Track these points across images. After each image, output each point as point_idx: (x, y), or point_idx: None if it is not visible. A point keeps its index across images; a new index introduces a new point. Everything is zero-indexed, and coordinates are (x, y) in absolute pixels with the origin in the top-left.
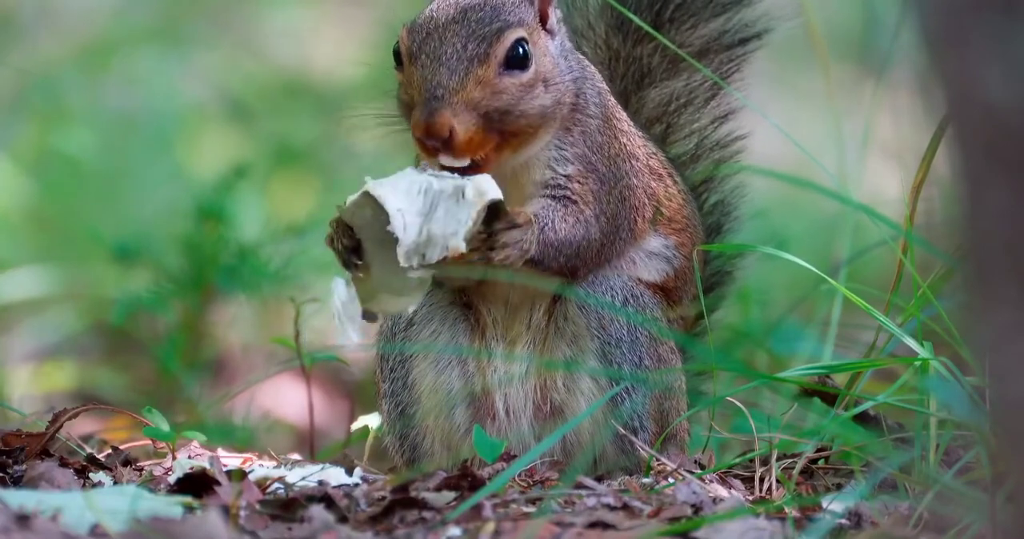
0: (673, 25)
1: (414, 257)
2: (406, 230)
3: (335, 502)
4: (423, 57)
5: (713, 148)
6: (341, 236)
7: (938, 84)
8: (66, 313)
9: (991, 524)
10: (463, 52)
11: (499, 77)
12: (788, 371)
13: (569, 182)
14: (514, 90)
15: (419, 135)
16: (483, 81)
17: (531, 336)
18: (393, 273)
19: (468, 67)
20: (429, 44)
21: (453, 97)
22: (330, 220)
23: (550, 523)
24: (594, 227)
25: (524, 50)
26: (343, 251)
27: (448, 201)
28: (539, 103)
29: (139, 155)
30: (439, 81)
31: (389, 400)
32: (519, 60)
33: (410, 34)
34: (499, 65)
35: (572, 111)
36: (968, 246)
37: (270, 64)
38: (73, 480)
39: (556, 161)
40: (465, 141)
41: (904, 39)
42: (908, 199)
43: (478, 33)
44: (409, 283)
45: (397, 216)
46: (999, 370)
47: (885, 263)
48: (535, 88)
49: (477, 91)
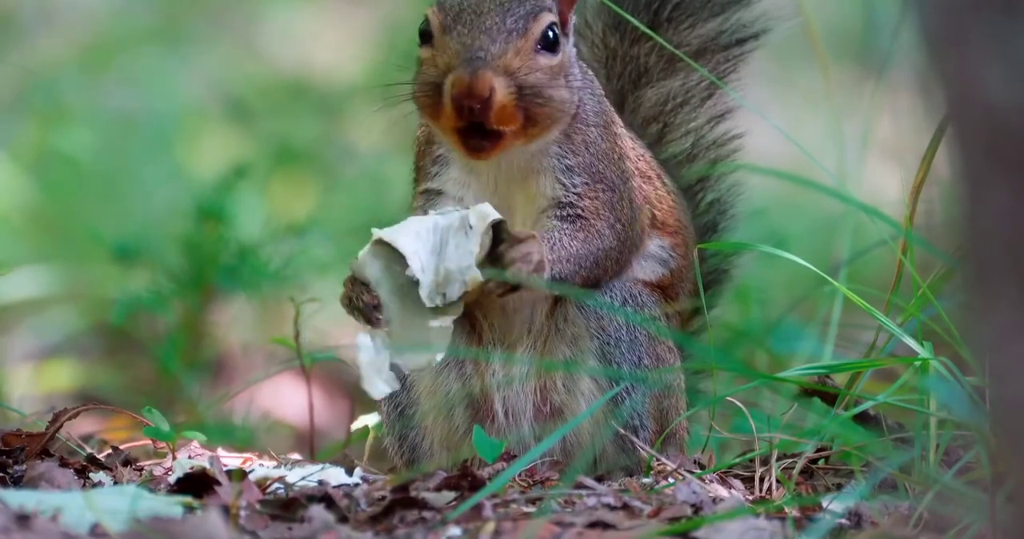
0: (671, 25)
1: (436, 298)
2: (424, 271)
3: (335, 502)
4: (460, 27)
5: (709, 147)
6: (360, 294)
7: (938, 84)
8: (66, 313)
9: (991, 524)
10: (503, 24)
11: (535, 54)
12: (788, 371)
13: (580, 199)
14: (546, 70)
15: (459, 93)
16: (521, 52)
17: (531, 339)
18: (415, 325)
19: (508, 37)
20: (465, 17)
21: (495, 61)
22: (344, 280)
23: (550, 523)
24: (608, 237)
25: (555, 34)
26: (364, 308)
27: (457, 235)
28: (563, 93)
29: (139, 155)
30: (481, 44)
31: (388, 401)
32: (551, 43)
33: (442, 10)
34: (535, 42)
35: (572, 118)
36: (968, 246)
37: (270, 64)
38: (73, 480)
39: (562, 172)
40: (501, 107)
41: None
42: (908, 199)
43: (515, 11)
44: (432, 332)
45: (414, 257)
46: (999, 370)
47: (885, 263)
48: (559, 77)
49: (516, 60)
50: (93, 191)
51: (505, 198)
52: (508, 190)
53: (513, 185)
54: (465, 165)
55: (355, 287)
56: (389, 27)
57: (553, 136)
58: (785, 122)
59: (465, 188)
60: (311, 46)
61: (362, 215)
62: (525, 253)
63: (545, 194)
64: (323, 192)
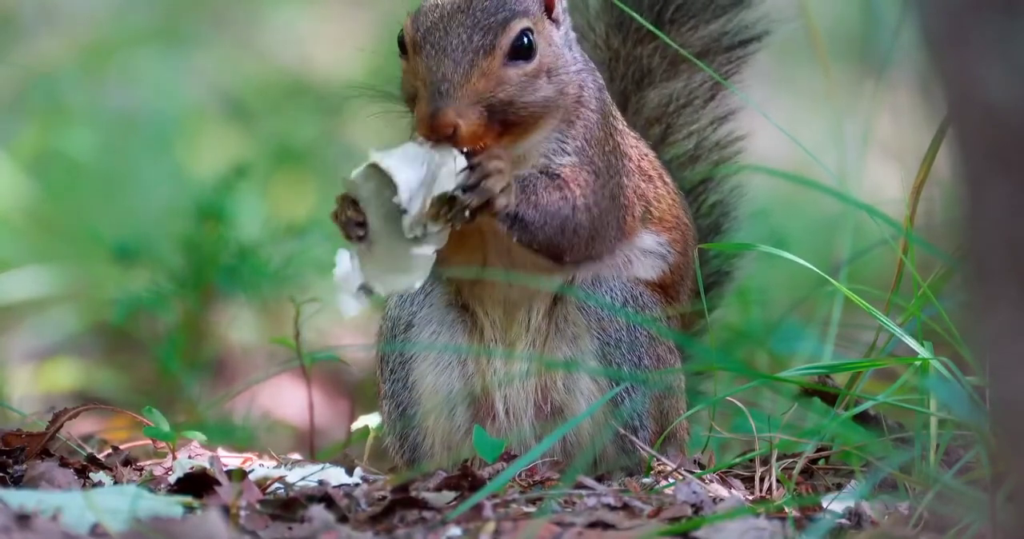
0: (673, 26)
1: (417, 228)
2: (412, 201)
3: (335, 502)
4: (428, 47)
5: (712, 149)
6: (346, 209)
7: (938, 84)
8: (66, 313)
9: (991, 524)
10: (468, 44)
11: (503, 68)
12: (788, 371)
13: (561, 168)
14: (518, 81)
15: (424, 131)
16: (487, 73)
17: (531, 337)
18: (398, 249)
19: (473, 59)
20: (434, 34)
21: (457, 91)
22: (336, 195)
23: (550, 523)
24: (582, 212)
25: (529, 40)
26: (347, 223)
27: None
28: (542, 94)
29: (139, 155)
30: (444, 73)
31: (389, 401)
32: (524, 51)
33: (414, 23)
34: (504, 56)
35: (576, 103)
36: (968, 246)
37: (270, 64)
38: (73, 480)
39: (555, 153)
40: (468, 135)
41: (904, 39)
42: (908, 199)
43: (483, 23)
44: (414, 259)
45: (404, 187)
46: (999, 369)
47: (885, 263)
48: (539, 79)
49: (482, 83)
50: (93, 191)
51: None
52: None
53: None
54: None
55: (344, 202)
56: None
57: (551, 126)
58: (786, 122)
59: None
60: (310, 46)
61: None
62: (499, 169)
63: (535, 165)
64: (323, 192)
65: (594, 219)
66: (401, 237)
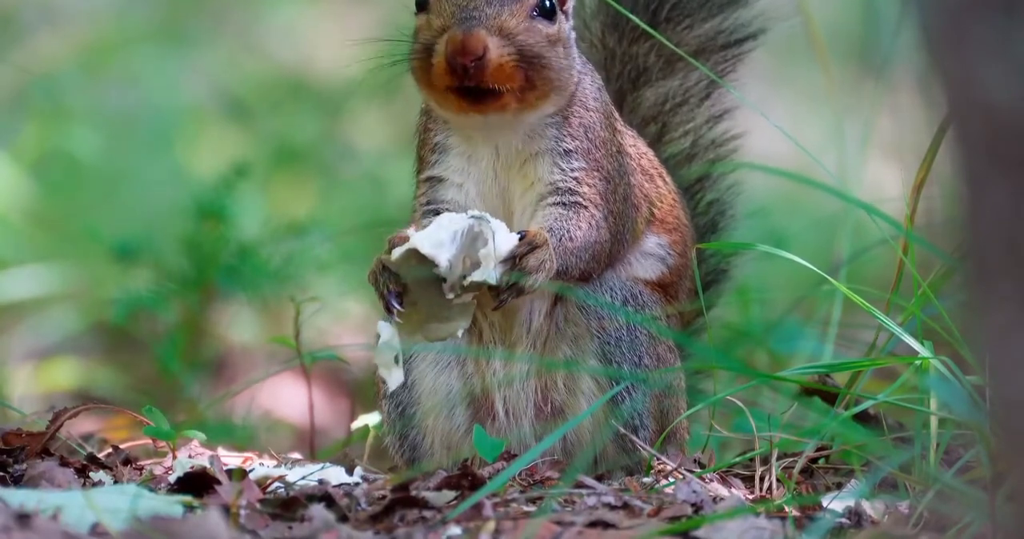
0: (669, 25)
1: (458, 288)
2: (451, 269)
3: (335, 501)
4: None
5: (708, 147)
6: (388, 281)
7: (938, 84)
8: (67, 312)
9: (991, 523)
10: None
11: (530, 19)
12: (788, 370)
13: (579, 185)
14: (543, 36)
15: (453, 50)
16: (517, 15)
17: (531, 338)
18: (440, 303)
19: (504, 1)
20: None
21: (489, 21)
22: (376, 257)
23: (550, 522)
24: (604, 228)
25: (552, 3)
26: (387, 295)
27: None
28: (562, 61)
29: (139, 155)
30: (476, 5)
31: (389, 400)
32: (547, 11)
33: None
34: (531, 7)
35: (570, 100)
36: (968, 246)
37: (270, 63)
38: (73, 479)
39: (560, 156)
40: (496, 65)
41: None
42: (909, 198)
43: None
44: (456, 308)
45: (446, 265)
46: (999, 369)
47: (885, 262)
48: (557, 46)
49: (512, 21)
50: (93, 190)
51: (504, 185)
52: (507, 176)
53: (512, 172)
54: (463, 152)
55: (384, 273)
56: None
57: (550, 110)
58: (785, 121)
59: (464, 175)
60: (311, 46)
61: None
62: (541, 261)
63: (543, 179)
64: (323, 192)
65: (611, 227)
66: (440, 292)
